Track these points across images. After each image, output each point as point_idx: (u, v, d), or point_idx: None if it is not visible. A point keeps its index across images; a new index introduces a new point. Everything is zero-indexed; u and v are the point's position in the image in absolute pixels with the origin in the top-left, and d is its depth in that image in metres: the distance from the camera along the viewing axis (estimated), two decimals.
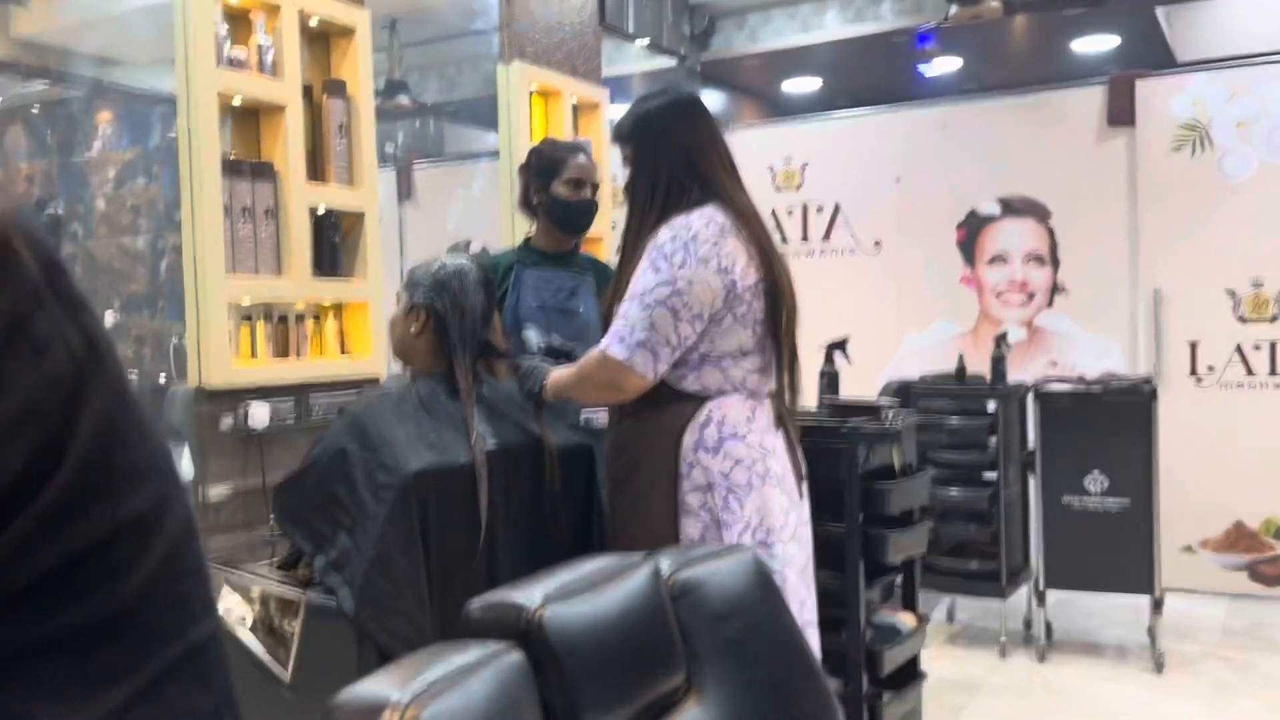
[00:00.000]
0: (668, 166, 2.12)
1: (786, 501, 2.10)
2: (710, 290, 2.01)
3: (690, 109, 2.19)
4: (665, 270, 2.01)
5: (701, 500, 2.05)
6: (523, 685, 1.03)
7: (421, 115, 7.88)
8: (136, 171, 6.14)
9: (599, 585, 1.17)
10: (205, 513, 2.80)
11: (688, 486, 2.05)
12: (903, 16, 6.31)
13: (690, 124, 2.16)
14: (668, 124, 2.16)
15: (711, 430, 2.04)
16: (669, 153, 2.13)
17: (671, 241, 2.03)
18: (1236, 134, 4.90)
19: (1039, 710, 3.65)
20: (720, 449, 2.04)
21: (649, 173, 2.15)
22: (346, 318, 3.22)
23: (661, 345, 2.01)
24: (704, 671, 1.25)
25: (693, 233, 2.03)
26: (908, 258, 5.68)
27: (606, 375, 2.06)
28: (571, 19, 4.33)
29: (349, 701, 0.94)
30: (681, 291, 2.00)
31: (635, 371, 2.02)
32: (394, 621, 1.83)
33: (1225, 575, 4.93)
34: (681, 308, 2.00)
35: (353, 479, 1.91)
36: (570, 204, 2.81)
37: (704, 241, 2.02)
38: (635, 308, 2.02)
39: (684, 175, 2.11)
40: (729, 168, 2.16)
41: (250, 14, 2.94)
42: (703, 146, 2.14)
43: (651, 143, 2.16)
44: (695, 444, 2.04)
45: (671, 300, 2.00)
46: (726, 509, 2.03)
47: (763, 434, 2.09)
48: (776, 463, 2.09)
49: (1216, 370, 4.95)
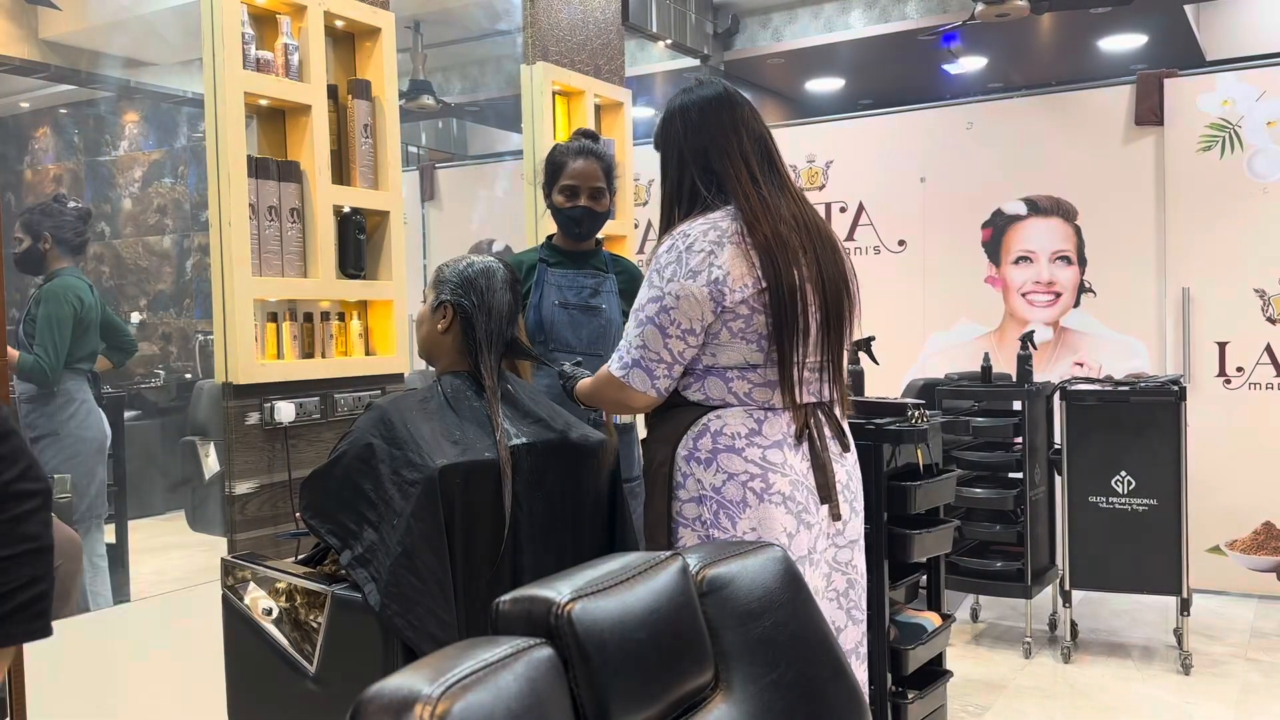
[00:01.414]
0: (687, 170, 2.06)
1: (794, 522, 1.97)
2: (697, 303, 1.92)
3: (708, 103, 2.06)
4: (657, 285, 1.96)
5: (696, 512, 2.00)
6: (552, 680, 1.03)
7: (445, 116, 7.91)
8: (163, 172, 6.19)
9: (627, 581, 1.17)
10: (232, 507, 2.82)
11: (684, 496, 2.01)
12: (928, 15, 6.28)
13: (710, 120, 2.05)
14: (684, 121, 2.07)
15: (705, 441, 1.98)
16: (686, 155, 2.06)
17: (668, 253, 1.97)
18: (1266, 133, 4.86)
19: (1064, 711, 3.62)
20: (713, 462, 1.97)
21: (671, 178, 2.09)
22: (371, 317, 3.23)
23: (655, 362, 1.98)
24: (732, 669, 1.25)
25: (689, 242, 1.95)
26: (933, 257, 5.66)
27: (611, 392, 2.07)
28: (595, 19, 4.34)
29: (379, 695, 0.94)
30: (669, 308, 1.94)
31: (634, 389, 2.01)
32: (420, 616, 1.83)
33: (1254, 576, 4.88)
34: (669, 324, 1.95)
35: (379, 474, 1.91)
36: (562, 212, 2.80)
37: (697, 252, 1.93)
38: (632, 324, 2.00)
39: (699, 177, 2.03)
40: (757, 163, 2.03)
41: (276, 15, 2.96)
42: (717, 143, 2.03)
43: (672, 146, 2.09)
44: (688, 455, 1.99)
45: (659, 317, 1.95)
46: (716, 525, 1.97)
47: (769, 448, 1.97)
48: (784, 480, 1.96)
49: (1245, 371, 4.91)
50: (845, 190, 5.85)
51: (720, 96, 2.08)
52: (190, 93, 5.95)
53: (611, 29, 4.45)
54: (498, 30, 6.55)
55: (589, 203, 2.78)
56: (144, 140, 6.28)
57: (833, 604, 2.09)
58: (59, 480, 3.64)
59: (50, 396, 3.69)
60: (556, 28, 4.11)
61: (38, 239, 3.78)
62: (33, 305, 3.74)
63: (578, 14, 4.24)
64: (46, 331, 3.64)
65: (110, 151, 6.28)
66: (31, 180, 6.19)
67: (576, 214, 2.78)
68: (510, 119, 7.45)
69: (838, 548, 2.08)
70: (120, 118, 6.29)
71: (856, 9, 6.51)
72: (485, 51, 7.23)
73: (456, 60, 7.45)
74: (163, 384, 5.69)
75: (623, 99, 4.43)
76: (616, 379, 2.03)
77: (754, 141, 2.06)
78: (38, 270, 3.81)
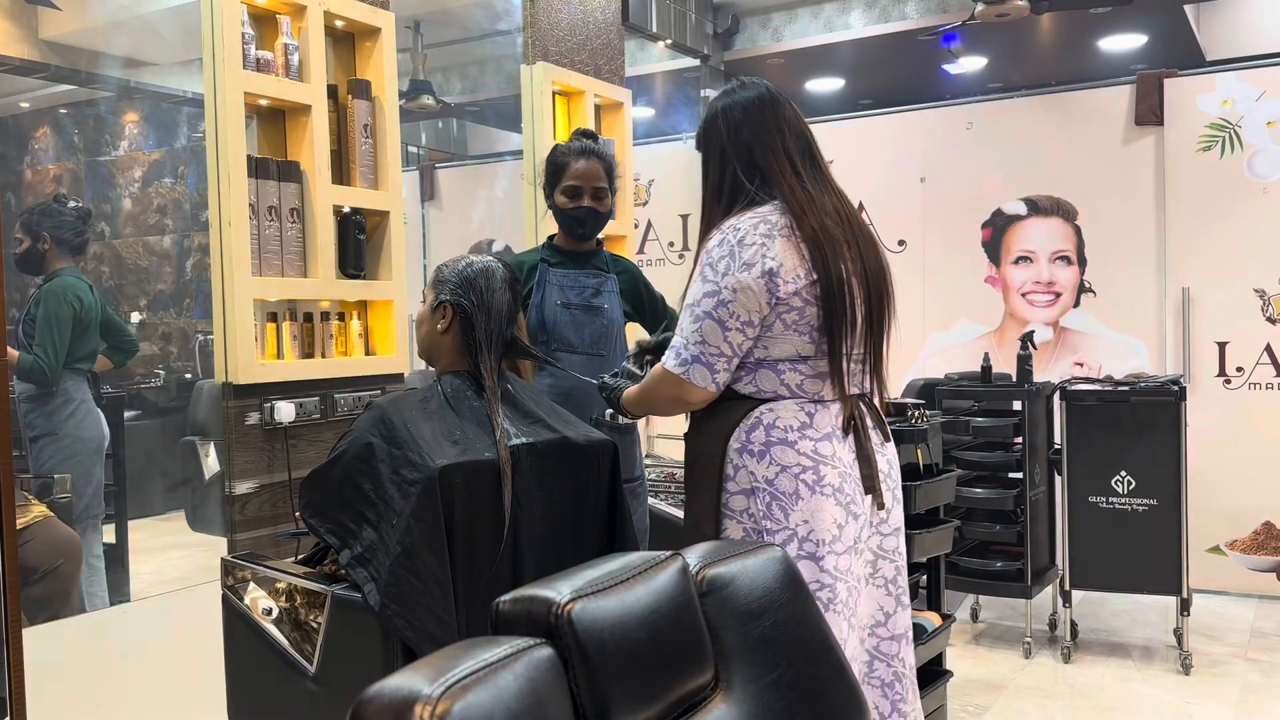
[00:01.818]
0: (730, 167, 2.08)
1: (843, 514, 1.99)
2: (754, 295, 1.95)
3: (752, 101, 2.10)
4: (711, 279, 1.97)
5: (744, 504, 2.01)
6: (552, 680, 1.03)
7: (445, 116, 7.91)
8: (163, 172, 6.19)
9: (627, 581, 1.17)
10: (232, 507, 2.82)
11: (733, 489, 2.01)
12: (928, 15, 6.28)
13: (753, 119, 2.08)
14: (727, 119, 2.10)
15: (759, 434, 1.99)
16: (729, 152, 2.08)
17: (719, 247, 1.99)
18: (1266, 133, 4.86)
19: (1064, 711, 3.62)
20: (766, 454, 1.98)
21: (713, 176, 2.11)
22: (371, 317, 3.23)
23: (715, 356, 1.98)
24: (732, 669, 1.25)
25: (740, 236, 1.98)
26: (933, 257, 5.66)
27: (668, 390, 2.05)
28: (595, 19, 4.34)
29: (379, 695, 0.94)
30: (727, 301, 1.95)
31: (693, 384, 2.00)
32: (419, 616, 1.83)
33: (1254, 576, 4.88)
34: (729, 317, 1.96)
35: (379, 474, 1.91)
36: (565, 213, 2.80)
37: (749, 245, 1.96)
38: (687, 320, 2.00)
39: (744, 174, 2.06)
40: (800, 159, 2.07)
41: (276, 15, 2.96)
42: (762, 139, 2.06)
43: (714, 142, 2.11)
44: (741, 447, 2.00)
45: (718, 311, 1.96)
46: (769, 516, 1.97)
47: (820, 440, 1.99)
48: (833, 472, 1.99)
49: (1245, 371, 4.91)
50: (846, 190, 5.84)
51: (763, 96, 2.12)
52: (190, 93, 5.95)
53: (611, 29, 4.45)
54: (498, 30, 6.55)
55: (592, 203, 2.79)
56: (144, 140, 6.28)
57: (881, 590, 2.10)
58: (58, 480, 3.65)
59: (49, 396, 3.69)
60: (556, 28, 4.11)
61: (37, 239, 3.78)
62: (32, 305, 3.74)
63: (578, 14, 4.24)
64: (46, 331, 3.64)
65: (110, 151, 6.28)
66: (31, 180, 6.19)
67: (580, 214, 2.79)
68: (510, 119, 7.45)
69: (883, 535, 2.11)
70: (120, 118, 6.29)
71: (856, 9, 6.51)
72: (485, 51, 7.23)
73: (456, 60, 7.45)
74: (163, 384, 5.69)
75: (623, 99, 4.43)
76: (675, 375, 2.01)
77: (796, 139, 2.09)
78: (38, 270, 3.82)
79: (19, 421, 3.64)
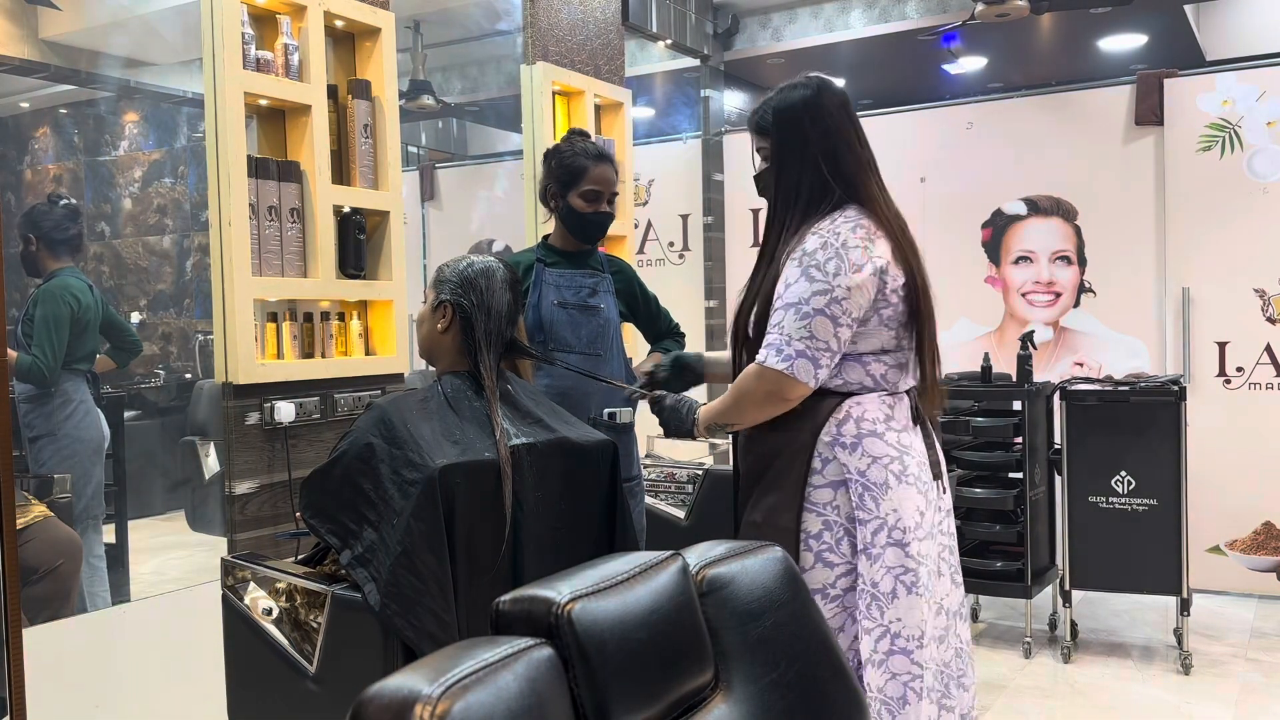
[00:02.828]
0: (812, 166, 2.09)
1: (923, 501, 2.07)
2: (866, 294, 2.01)
3: (834, 103, 2.12)
4: (820, 279, 1.99)
5: (829, 497, 2.04)
6: (552, 681, 1.03)
7: (445, 116, 7.91)
8: (163, 172, 6.19)
9: (627, 581, 1.17)
10: (232, 507, 2.82)
11: (819, 482, 2.04)
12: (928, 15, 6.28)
13: (835, 120, 2.10)
14: (813, 119, 2.10)
15: (850, 427, 2.03)
16: (812, 151, 2.09)
17: (823, 250, 2.01)
18: (1266, 133, 4.86)
19: (1064, 711, 3.62)
20: (859, 446, 2.03)
21: (792, 172, 2.11)
22: (371, 317, 3.23)
23: (822, 352, 2.01)
24: (732, 669, 1.25)
25: (842, 240, 2.02)
26: (932, 257, 5.60)
27: (767, 387, 2.04)
28: (595, 19, 4.34)
29: (379, 695, 0.94)
30: (840, 299, 1.99)
31: (798, 380, 2.00)
32: (419, 616, 1.83)
33: (1254, 576, 4.89)
34: (841, 314, 2.00)
35: (379, 474, 1.91)
36: (585, 216, 2.80)
37: (854, 247, 2.01)
38: (792, 317, 2.00)
39: (827, 176, 2.08)
40: (871, 166, 2.13)
41: (276, 15, 2.96)
42: (847, 144, 2.10)
43: (795, 140, 2.10)
44: (833, 440, 2.04)
45: (831, 308, 1.99)
46: (861, 507, 2.01)
47: (900, 432, 2.07)
48: (914, 461, 2.07)
49: (1245, 371, 4.91)
50: None
51: (841, 95, 2.16)
52: (190, 93, 5.95)
53: (611, 29, 4.45)
54: (498, 30, 6.55)
55: (609, 207, 2.80)
56: (144, 140, 6.28)
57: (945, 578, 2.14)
58: (58, 480, 3.64)
59: (48, 397, 3.69)
60: (556, 28, 4.11)
61: (29, 241, 3.79)
62: (30, 306, 3.74)
63: (578, 14, 4.24)
64: (44, 332, 3.64)
65: (110, 151, 6.28)
66: (31, 180, 6.19)
67: (600, 219, 2.80)
68: (510, 119, 7.45)
69: (944, 515, 2.18)
70: (120, 118, 6.29)
71: (856, 9, 6.51)
72: (485, 51, 7.22)
73: (456, 60, 7.45)
74: (163, 384, 5.69)
75: (623, 99, 4.43)
76: (775, 371, 2.01)
77: (866, 147, 2.16)
78: (37, 271, 3.82)
79: (19, 421, 3.64)
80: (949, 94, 7.38)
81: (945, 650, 2.11)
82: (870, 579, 1.99)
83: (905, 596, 2.00)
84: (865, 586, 2.00)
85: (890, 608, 1.99)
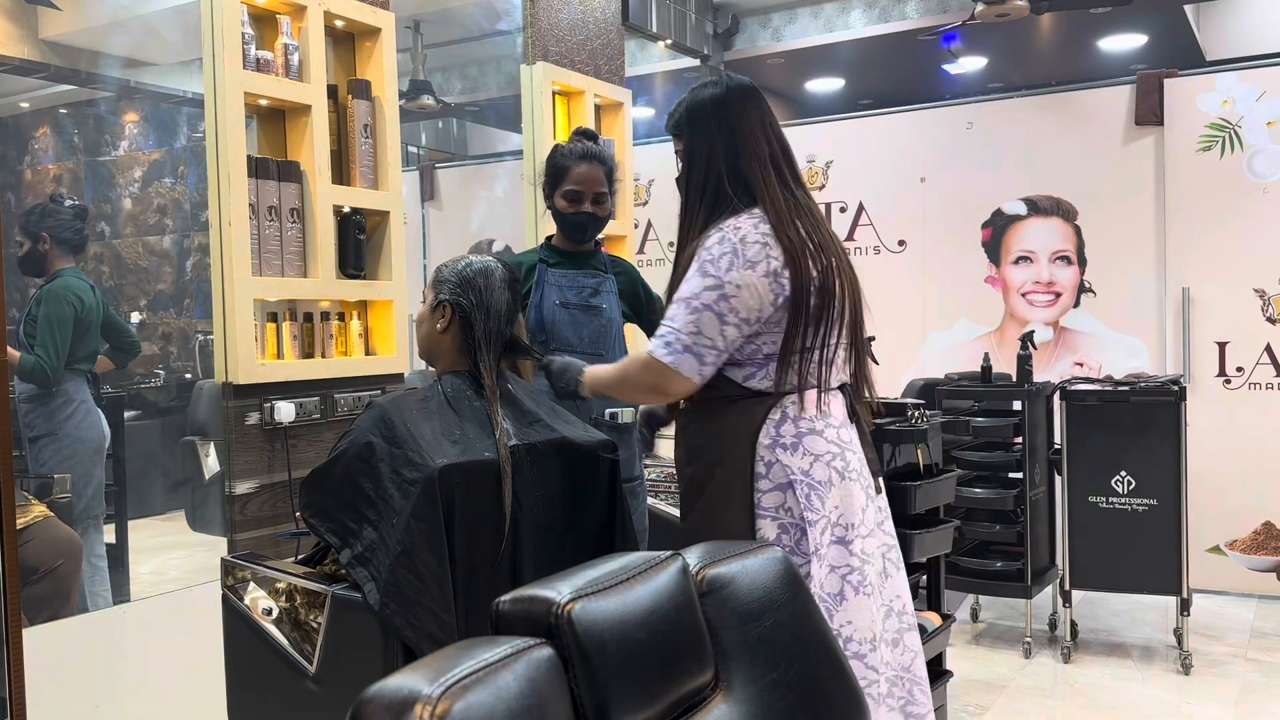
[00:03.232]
0: (717, 164, 2.09)
1: (864, 497, 2.06)
2: (758, 294, 1.97)
3: (742, 101, 2.12)
4: (714, 274, 1.98)
5: (779, 500, 2.00)
6: (552, 680, 1.03)
7: (445, 116, 7.91)
8: (163, 172, 6.19)
9: (627, 581, 1.17)
10: (232, 507, 2.82)
11: (765, 486, 2.01)
12: (928, 15, 6.28)
13: (740, 117, 2.10)
14: (719, 117, 2.10)
15: (788, 427, 2.01)
16: (718, 148, 2.09)
17: (719, 245, 2.00)
18: (1266, 133, 4.86)
19: (1064, 711, 3.62)
20: (799, 446, 2.00)
21: (699, 170, 2.11)
22: (371, 317, 3.23)
23: (707, 349, 1.99)
24: (732, 669, 1.25)
25: (740, 235, 2.00)
26: (933, 257, 5.66)
27: (651, 378, 2.04)
28: (595, 19, 4.34)
29: (379, 695, 0.94)
30: (729, 295, 1.97)
31: (680, 374, 1.99)
32: (419, 616, 1.83)
33: (1254, 576, 4.89)
34: (728, 312, 1.97)
35: (379, 473, 1.91)
36: (565, 216, 2.80)
37: (752, 243, 1.99)
38: (682, 311, 2.00)
39: (730, 174, 2.07)
40: (779, 162, 2.11)
41: (276, 15, 2.96)
42: (750, 143, 2.09)
43: (702, 137, 2.11)
44: (773, 442, 2.00)
45: (719, 305, 1.97)
46: (810, 507, 1.98)
47: (839, 428, 2.05)
48: (855, 457, 2.06)
49: (1245, 371, 4.91)
50: (845, 190, 5.85)
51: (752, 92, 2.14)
52: (190, 93, 5.95)
53: (611, 29, 4.45)
54: (498, 30, 6.55)
55: (593, 208, 2.79)
56: (144, 140, 6.28)
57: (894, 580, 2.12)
58: (58, 480, 3.65)
59: (49, 397, 3.69)
60: (556, 28, 4.11)
61: (37, 240, 3.78)
62: (33, 305, 3.74)
63: (578, 14, 4.24)
64: (47, 332, 3.64)
65: (110, 151, 6.28)
66: (31, 180, 6.19)
67: (580, 220, 2.79)
68: (510, 119, 7.45)
69: (884, 516, 2.16)
70: (120, 118, 6.29)
71: (856, 9, 6.51)
72: (485, 51, 7.23)
73: (456, 60, 7.45)
74: (163, 384, 5.69)
75: (623, 99, 4.43)
76: (661, 364, 2.01)
77: (778, 142, 2.13)
78: (39, 271, 3.82)
79: (19, 421, 3.64)
80: (949, 94, 7.38)
81: (902, 654, 2.09)
82: (819, 581, 1.96)
83: (854, 598, 1.97)
84: (816, 590, 1.96)
85: (839, 611, 1.97)
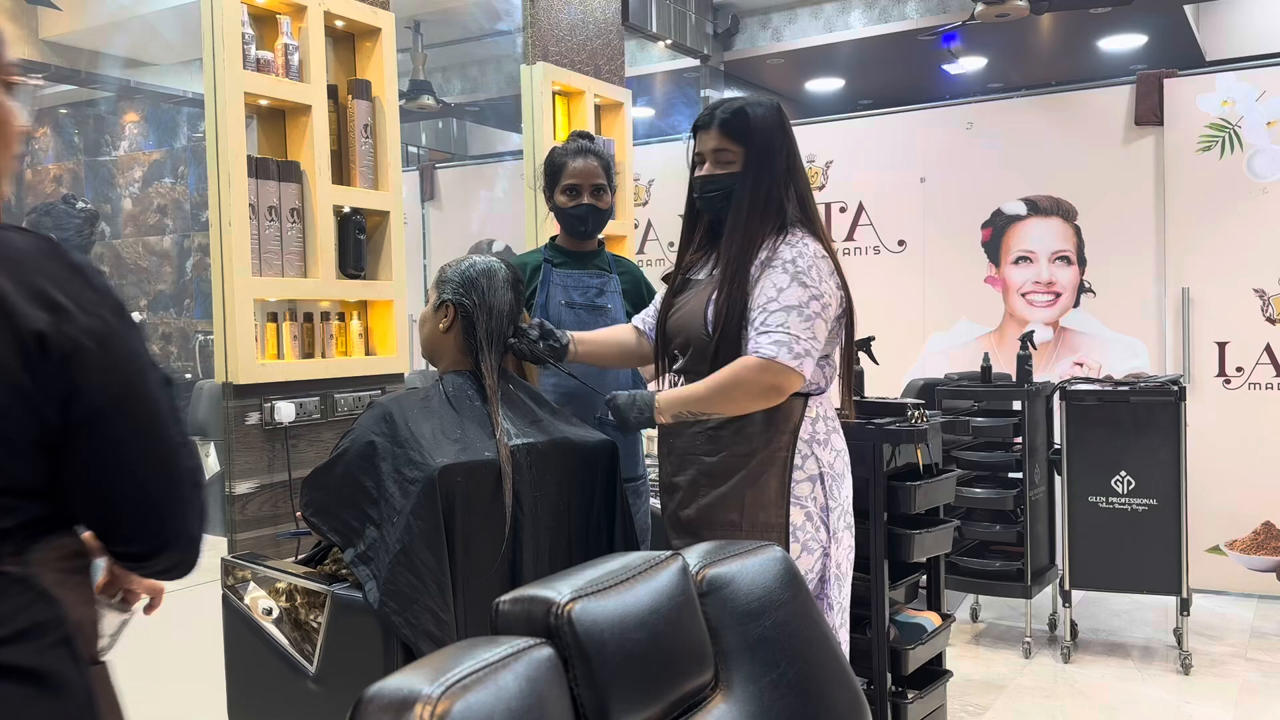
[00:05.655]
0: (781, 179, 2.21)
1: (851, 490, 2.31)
2: (836, 305, 2.17)
3: (788, 124, 2.27)
4: (812, 285, 2.11)
5: (809, 490, 2.16)
6: (552, 680, 1.03)
7: (445, 116, 7.91)
8: (163, 172, 6.19)
9: (627, 581, 1.17)
10: (232, 507, 2.82)
11: (800, 477, 2.15)
12: (928, 15, 6.28)
13: (792, 140, 2.26)
14: (784, 137, 2.23)
15: (821, 425, 2.19)
16: (783, 164, 2.22)
17: (803, 258, 2.13)
18: (1266, 133, 4.86)
19: (1064, 711, 3.62)
20: (829, 441, 2.20)
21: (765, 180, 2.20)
22: (371, 317, 3.23)
23: (817, 352, 2.13)
24: (732, 669, 1.25)
25: (813, 250, 2.15)
26: (933, 257, 5.66)
27: (772, 380, 2.09)
28: (595, 19, 4.34)
29: (379, 695, 0.95)
30: (828, 305, 2.14)
31: (802, 375, 2.09)
32: (417, 614, 1.84)
33: (1254, 576, 4.89)
34: (829, 320, 2.15)
35: (380, 472, 1.92)
36: (566, 211, 2.82)
37: (823, 259, 2.16)
38: (795, 318, 2.08)
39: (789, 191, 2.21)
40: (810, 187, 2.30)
41: (276, 15, 2.96)
42: (802, 167, 2.28)
43: (770, 152, 2.21)
44: (810, 437, 2.17)
45: (824, 312, 2.13)
46: (832, 496, 2.18)
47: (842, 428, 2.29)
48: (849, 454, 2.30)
49: (1245, 371, 4.91)
50: (845, 190, 5.85)
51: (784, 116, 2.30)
52: (190, 93, 5.95)
53: (611, 29, 4.45)
54: (498, 30, 6.55)
55: (592, 200, 2.80)
56: (144, 140, 6.28)
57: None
58: None
59: None
60: (556, 28, 4.11)
61: None
62: None
63: (578, 14, 4.24)
64: None
65: (110, 151, 6.28)
66: (31, 180, 6.19)
67: (580, 212, 2.80)
68: (510, 119, 7.45)
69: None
70: (120, 118, 6.29)
71: (856, 9, 6.51)
72: (485, 51, 7.23)
73: (456, 60, 7.45)
74: None
75: (623, 99, 4.43)
76: (784, 365, 2.07)
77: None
78: None
79: None
80: (949, 94, 7.38)
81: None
82: (836, 560, 2.19)
83: (850, 576, 2.26)
84: (832, 568, 2.18)
85: (845, 585, 2.23)
